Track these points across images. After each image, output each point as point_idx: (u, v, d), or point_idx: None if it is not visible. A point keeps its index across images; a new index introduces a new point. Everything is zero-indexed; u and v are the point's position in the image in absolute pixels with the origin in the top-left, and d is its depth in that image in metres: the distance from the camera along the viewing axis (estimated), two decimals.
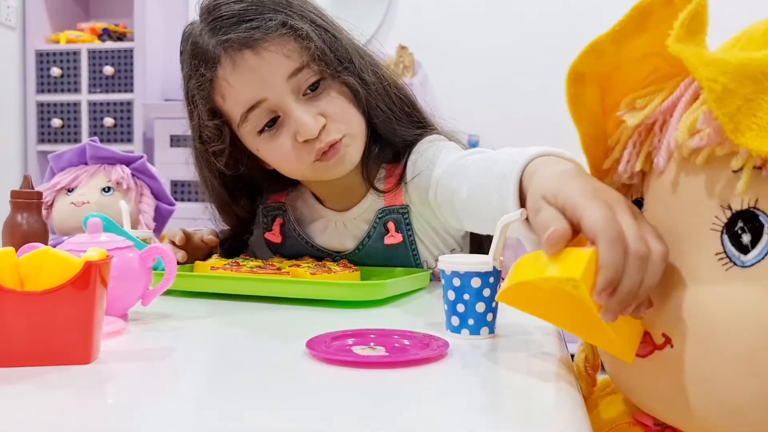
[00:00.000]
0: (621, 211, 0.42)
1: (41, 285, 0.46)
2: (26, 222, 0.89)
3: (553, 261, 0.42)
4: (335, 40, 0.83)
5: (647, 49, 0.44)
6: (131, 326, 0.61)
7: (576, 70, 0.45)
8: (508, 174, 0.58)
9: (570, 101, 0.47)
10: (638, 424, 0.50)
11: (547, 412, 0.40)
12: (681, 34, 0.40)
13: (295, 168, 0.84)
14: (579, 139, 0.49)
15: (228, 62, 0.79)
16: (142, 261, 0.62)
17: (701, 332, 0.40)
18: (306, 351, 0.50)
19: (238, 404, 0.39)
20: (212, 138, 0.84)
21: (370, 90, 0.84)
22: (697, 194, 0.41)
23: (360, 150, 0.85)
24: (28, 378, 0.44)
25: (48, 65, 2.69)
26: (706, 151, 0.40)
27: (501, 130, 2.74)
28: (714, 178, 0.40)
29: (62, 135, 2.69)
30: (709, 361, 0.40)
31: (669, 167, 0.43)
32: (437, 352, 0.49)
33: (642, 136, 0.46)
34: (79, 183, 1.21)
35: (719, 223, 0.40)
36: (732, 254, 0.40)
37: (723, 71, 0.38)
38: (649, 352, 0.43)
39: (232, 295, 0.76)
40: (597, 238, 0.40)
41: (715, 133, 0.39)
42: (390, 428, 0.36)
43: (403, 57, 2.68)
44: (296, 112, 0.79)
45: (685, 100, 0.42)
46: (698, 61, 0.38)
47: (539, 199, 0.47)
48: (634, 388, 0.47)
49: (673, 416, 0.44)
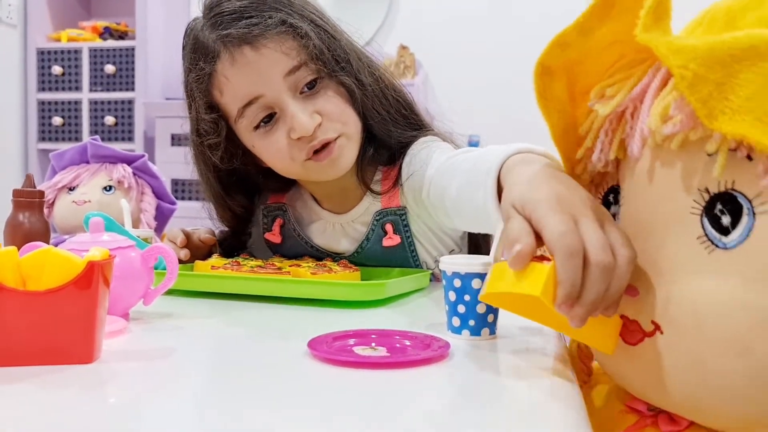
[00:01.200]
0: (585, 221, 0.42)
1: (43, 284, 0.46)
2: (28, 221, 0.89)
3: (518, 275, 0.44)
4: (334, 41, 0.84)
5: (612, 38, 0.44)
6: (133, 326, 0.61)
7: (543, 63, 0.46)
8: (487, 171, 0.59)
9: (538, 95, 0.47)
10: (632, 411, 0.50)
11: (547, 414, 0.40)
12: (647, 23, 0.40)
13: (288, 166, 0.85)
14: (549, 132, 0.49)
15: (227, 57, 0.80)
16: (143, 260, 0.63)
17: (689, 318, 0.41)
18: (307, 351, 0.50)
19: (239, 404, 0.40)
20: (209, 131, 0.85)
21: (367, 91, 0.85)
22: (674, 179, 0.41)
23: (355, 152, 0.86)
24: (30, 377, 0.44)
25: (49, 63, 2.69)
26: (679, 137, 0.40)
27: (501, 130, 2.74)
28: (689, 162, 0.41)
29: (63, 133, 2.70)
30: (698, 345, 0.40)
31: (644, 154, 0.43)
32: (438, 352, 0.49)
33: (614, 124, 0.46)
34: (80, 182, 1.21)
35: (698, 207, 0.40)
36: (713, 236, 0.40)
37: (692, 57, 0.38)
38: (639, 339, 0.44)
39: (233, 294, 0.76)
40: (554, 252, 0.41)
41: (687, 119, 0.39)
42: (391, 428, 0.37)
43: (404, 57, 2.68)
44: (292, 108, 0.80)
45: (655, 86, 0.42)
46: (667, 49, 0.39)
47: (509, 207, 0.47)
48: (626, 376, 0.47)
49: (667, 400, 0.45)
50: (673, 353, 0.42)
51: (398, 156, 0.89)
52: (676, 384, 0.42)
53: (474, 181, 0.63)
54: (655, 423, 0.48)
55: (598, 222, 0.43)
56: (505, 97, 2.76)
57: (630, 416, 0.50)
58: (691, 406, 0.43)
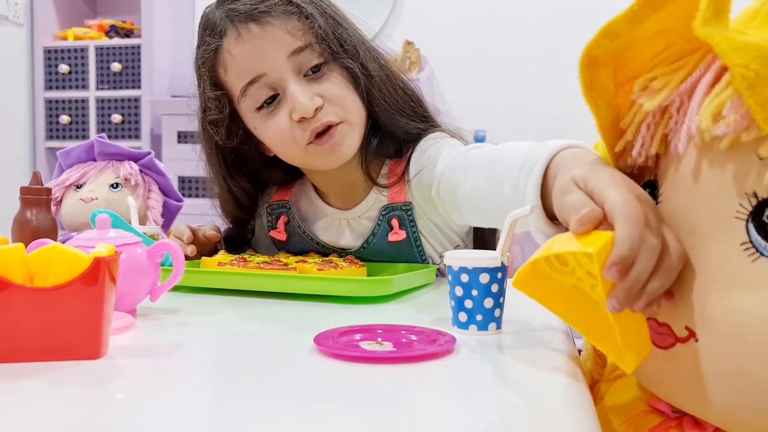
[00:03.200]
0: (646, 207, 0.42)
1: (51, 281, 0.47)
2: (35, 218, 0.90)
3: (577, 239, 0.42)
4: (341, 27, 0.84)
5: (661, 26, 0.42)
6: (140, 322, 0.61)
7: (590, 54, 0.43)
8: (528, 165, 0.58)
9: (585, 87, 0.45)
10: (655, 411, 0.49)
11: (554, 408, 0.40)
12: (707, 16, 0.38)
13: (290, 149, 0.84)
14: (597, 125, 0.47)
15: (233, 33, 0.81)
16: (150, 257, 0.63)
17: (730, 327, 0.39)
18: (314, 346, 0.50)
19: (245, 399, 0.40)
20: (212, 108, 0.86)
21: (373, 79, 0.85)
22: (720, 181, 0.39)
23: (357, 141, 0.85)
24: (37, 373, 0.44)
25: (56, 62, 2.70)
26: (730, 137, 0.38)
27: (507, 125, 2.73)
28: (739, 164, 0.39)
29: (70, 131, 2.71)
30: (739, 355, 0.39)
31: (688, 153, 0.41)
32: (444, 347, 0.49)
33: (656, 118, 0.44)
34: (87, 179, 1.22)
35: (744, 212, 0.39)
36: (758, 244, 0.38)
37: (755, 57, 0.36)
38: (670, 344, 0.42)
39: (240, 290, 0.76)
40: (615, 216, 0.41)
41: (742, 119, 0.37)
42: (398, 423, 0.36)
43: (410, 53, 2.67)
44: (292, 88, 0.80)
45: (706, 82, 0.40)
46: (728, 46, 0.37)
47: (569, 182, 0.47)
48: (653, 379, 0.46)
49: (696, 407, 0.44)
50: (710, 361, 0.40)
51: (405, 149, 0.89)
52: (713, 392, 0.41)
53: (496, 176, 0.63)
54: (680, 425, 0.47)
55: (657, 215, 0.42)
56: (511, 92, 2.75)
57: (653, 416, 0.49)
58: (728, 416, 0.42)
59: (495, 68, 2.76)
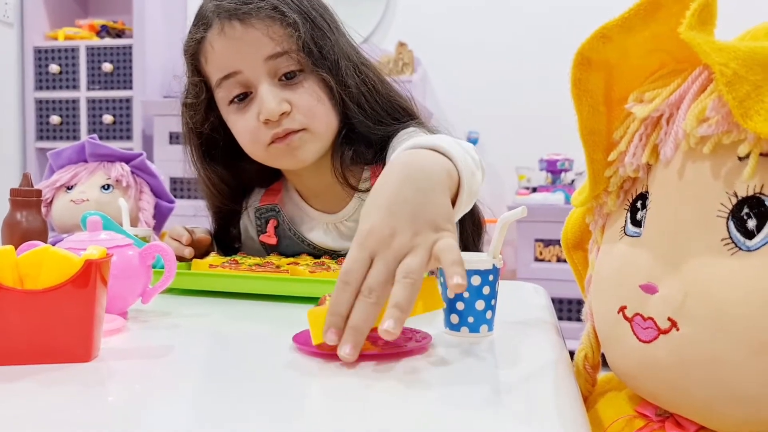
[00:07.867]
0: (381, 258, 0.48)
1: (41, 283, 0.46)
2: (26, 220, 0.89)
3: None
4: (324, 39, 0.85)
5: (654, 44, 0.45)
6: (131, 324, 0.61)
7: (583, 53, 0.46)
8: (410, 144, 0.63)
9: (574, 85, 0.47)
10: (640, 416, 0.50)
11: (545, 409, 0.40)
12: (692, 23, 0.41)
13: (254, 147, 0.87)
14: (577, 125, 0.49)
15: (217, 26, 0.84)
16: (141, 259, 0.63)
17: (708, 311, 0.41)
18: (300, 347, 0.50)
19: (237, 401, 0.40)
20: (191, 93, 0.89)
21: (351, 93, 0.86)
22: (703, 182, 0.42)
23: (317, 150, 0.86)
24: (28, 376, 0.44)
25: (46, 62, 2.68)
26: (713, 140, 0.41)
27: (500, 126, 2.74)
28: (720, 165, 0.41)
29: (61, 132, 2.69)
30: (715, 341, 0.40)
31: (675, 157, 0.44)
32: (420, 345, 0.51)
33: (649, 129, 0.47)
34: (78, 180, 1.21)
35: (725, 210, 0.41)
36: (737, 239, 0.40)
37: (734, 57, 0.39)
38: (654, 337, 0.44)
39: (232, 293, 0.76)
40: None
41: (723, 120, 0.40)
42: (394, 425, 0.37)
43: (403, 54, 2.67)
44: (264, 90, 0.82)
45: (693, 92, 0.43)
46: (710, 47, 0.39)
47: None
48: (638, 376, 0.47)
49: (676, 401, 0.45)
50: (688, 349, 0.42)
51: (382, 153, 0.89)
52: (689, 383, 0.42)
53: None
54: (663, 428, 0.48)
55: (407, 249, 0.49)
56: (504, 94, 2.76)
57: (638, 421, 0.50)
58: (702, 406, 0.43)
59: (488, 70, 2.77)
